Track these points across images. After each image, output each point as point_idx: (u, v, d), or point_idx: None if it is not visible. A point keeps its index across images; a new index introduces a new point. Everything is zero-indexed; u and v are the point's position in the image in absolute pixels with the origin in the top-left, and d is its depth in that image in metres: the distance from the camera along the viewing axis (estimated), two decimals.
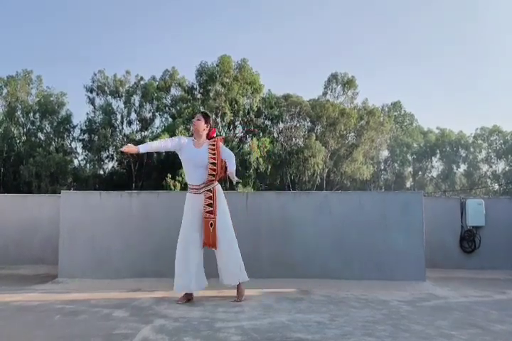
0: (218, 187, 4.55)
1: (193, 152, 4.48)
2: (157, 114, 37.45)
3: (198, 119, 4.57)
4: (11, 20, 56.15)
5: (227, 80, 34.80)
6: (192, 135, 4.73)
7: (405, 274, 5.54)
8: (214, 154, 4.46)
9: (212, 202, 4.43)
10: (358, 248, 5.64)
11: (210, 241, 4.41)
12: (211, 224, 4.40)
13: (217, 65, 35.46)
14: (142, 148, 4.43)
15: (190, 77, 39.68)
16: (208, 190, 4.44)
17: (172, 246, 5.65)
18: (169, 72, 37.07)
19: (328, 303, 4.37)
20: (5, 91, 35.80)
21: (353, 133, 38.21)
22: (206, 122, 4.57)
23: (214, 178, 4.46)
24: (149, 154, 33.86)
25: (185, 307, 4.14)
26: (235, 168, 4.54)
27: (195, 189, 4.47)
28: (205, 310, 4.02)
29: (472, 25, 64.29)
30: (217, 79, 35.18)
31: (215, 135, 4.66)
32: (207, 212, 4.42)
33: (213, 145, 4.50)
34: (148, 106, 36.94)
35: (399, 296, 4.80)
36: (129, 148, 4.35)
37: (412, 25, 64.98)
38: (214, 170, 4.43)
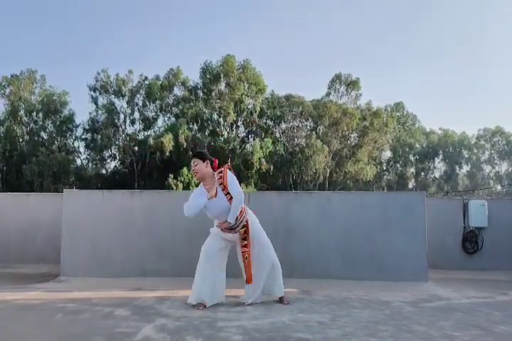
0: (249, 215, 4.30)
1: (214, 204, 4.09)
2: (160, 113, 37.48)
3: (196, 164, 4.14)
4: (15, 19, 56.21)
5: (232, 80, 34.80)
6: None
7: (407, 275, 5.53)
8: (225, 187, 4.11)
9: (246, 235, 4.23)
10: (360, 248, 5.63)
11: (248, 277, 4.24)
12: (246, 258, 4.23)
13: (221, 65, 35.47)
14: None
15: (192, 77, 39.56)
16: (242, 227, 4.21)
17: (174, 245, 5.68)
18: (174, 71, 37.06)
19: (329, 303, 4.36)
20: (8, 90, 35.86)
21: (355, 134, 38.16)
22: (204, 160, 4.16)
23: (242, 212, 4.17)
24: (151, 154, 33.95)
25: (186, 306, 4.13)
26: (233, 219, 4.10)
27: (231, 229, 4.17)
28: (207, 309, 4.01)
29: (476, 26, 64.19)
30: (222, 79, 35.22)
31: (216, 164, 4.27)
32: (243, 246, 4.25)
33: (221, 177, 4.14)
34: (151, 105, 36.96)
35: (401, 297, 4.79)
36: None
37: (415, 26, 64.89)
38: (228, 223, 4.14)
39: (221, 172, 4.18)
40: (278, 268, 4.39)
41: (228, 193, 4.11)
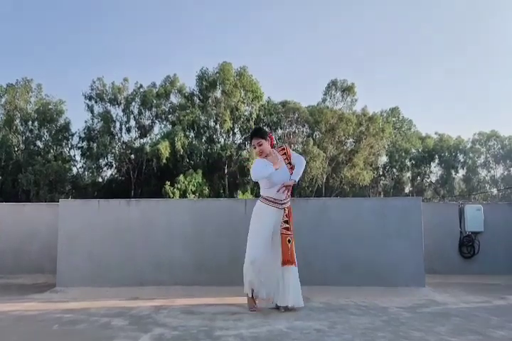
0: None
1: (278, 173, 4.27)
2: (156, 121, 37.55)
3: (260, 144, 4.34)
4: (11, 26, 56.29)
5: (228, 87, 34.91)
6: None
7: (405, 280, 5.53)
8: (290, 163, 4.38)
9: (288, 219, 4.35)
10: (357, 254, 5.63)
11: (288, 258, 4.27)
12: (289, 241, 4.29)
13: (217, 72, 35.60)
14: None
15: (189, 84, 39.70)
16: (287, 207, 4.38)
17: (171, 254, 5.67)
18: (170, 78, 37.17)
19: (327, 310, 4.35)
20: (4, 99, 35.85)
21: (351, 139, 38.30)
22: (266, 139, 4.39)
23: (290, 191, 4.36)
24: (148, 161, 33.93)
25: (184, 315, 4.12)
26: (298, 177, 4.37)
27: (279, 203, 4.33)
28: (204, 318, 4.00)
29: (471, 29, 64.54)
30: (218, 86, 35.34)
31: (273, 140, 4.51)
32: (284, 228, 4.31)
33: (285, 154, 4.41)
34: (147, 113, 37.02)
35: (398, 303, 4.79)
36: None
37: (411, 32, 65.21)
38: (294, 181, 4.33)
39: (283, 149, 4.46)
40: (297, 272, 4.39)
41: (291, 167, 4.37)
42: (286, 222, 4.35)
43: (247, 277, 4.30)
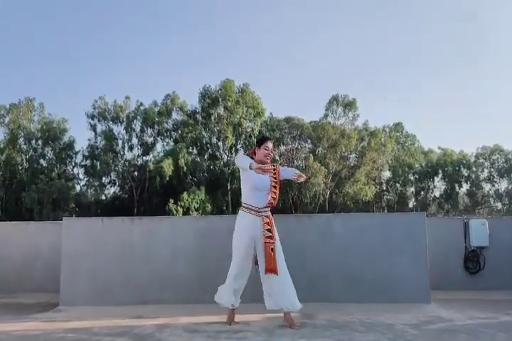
0: (274, 220, 4.60)
1: (260, 177, 4.43)
2: (159, 138, 37.74)
3: (274, 150, 4.65)
4: (11, 48, 57.07)
5: (230, 104, 35.16)
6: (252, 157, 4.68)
7: (410, 296, 5.48)
8: (275, 178, 4.57)
9: (270, 227, 4.44)
10: (361, 271, 5.60)
11: (271, 266, 4.37)
12: (272, 249, 4.37)
13: (220, 89, 35.91)
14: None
15: (191, 101, 40.03)
16: (266, 216, 4.49)
17: (174, 272, 5.65)
18: (170, 96, 37.48)
19: (332, 327, 4.31)
20: (7, 119, 36.13)
21: (354, 155, 38.36)
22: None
23: (274, 202, 4.54)
24: (151, 178, 33.97)
25: (188, 333, 4.09)
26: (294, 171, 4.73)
27: (256, 211, 4.48)
28: (208, 336, 3.97)
29: (473, 40, 64.81)
30: (220, 102, 35.61)
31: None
32: (267, 236, 4.40)
33: (274, 169, 4.61)
34: (149, 130, 37.22)
35: (404, 319, 4.74)
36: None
37: (413, 47, 65.61)
38: (275, 193, 4.53)
39: (275, 167, 4.68)
40: (288, 277, 4.52)
41: (275, 185, 4.57)
42: (269, 230, 4.43)
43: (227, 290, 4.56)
